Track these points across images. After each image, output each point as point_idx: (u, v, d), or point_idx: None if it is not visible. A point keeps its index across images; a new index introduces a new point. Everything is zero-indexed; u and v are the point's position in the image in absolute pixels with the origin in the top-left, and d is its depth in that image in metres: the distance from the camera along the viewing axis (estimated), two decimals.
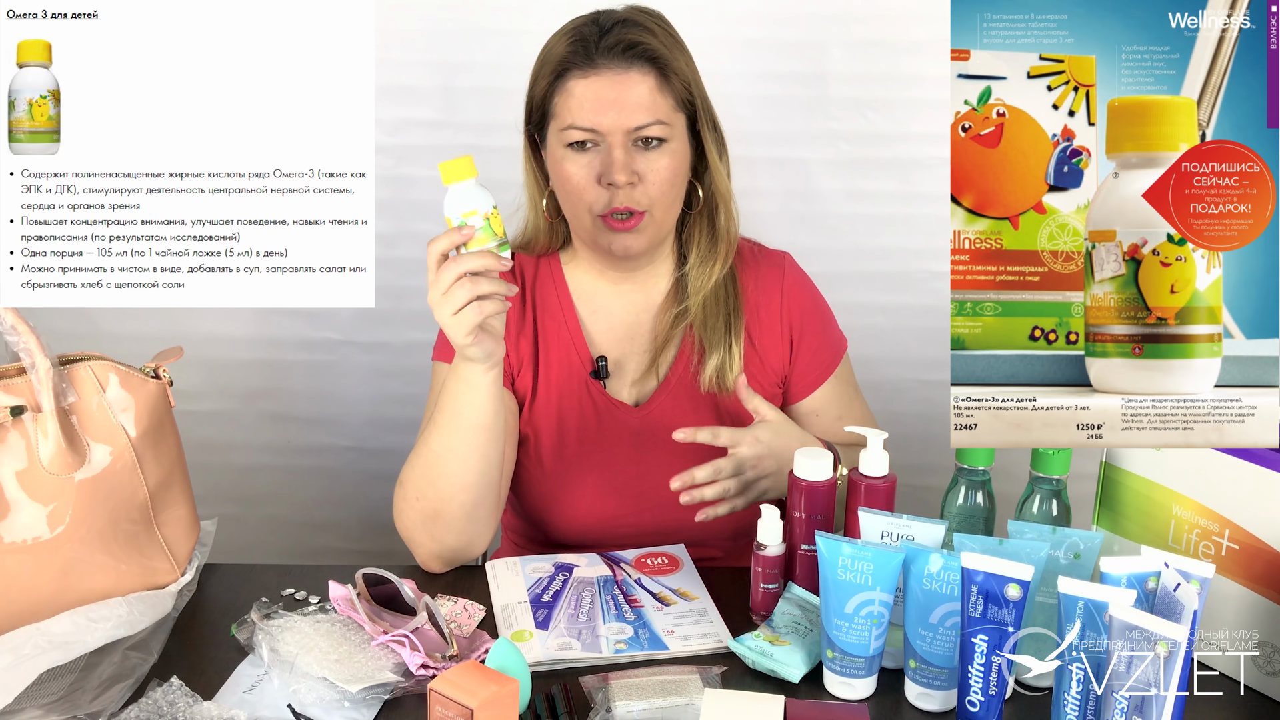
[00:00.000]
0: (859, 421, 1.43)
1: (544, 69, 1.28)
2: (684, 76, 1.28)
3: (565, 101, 1.26)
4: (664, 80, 1.26)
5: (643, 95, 1.25)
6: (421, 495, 1.22)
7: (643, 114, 1.25)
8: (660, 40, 1.27)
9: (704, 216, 1.36)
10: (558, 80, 1.26)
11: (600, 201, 1.27)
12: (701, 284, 1.36)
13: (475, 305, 1.07)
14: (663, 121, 1.26)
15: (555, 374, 1.37)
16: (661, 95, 1.26)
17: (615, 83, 1.24)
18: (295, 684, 1.02)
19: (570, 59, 1.25)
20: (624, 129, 1.24)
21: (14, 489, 1.09)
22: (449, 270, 1.07)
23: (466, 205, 1.07)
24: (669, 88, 1.27)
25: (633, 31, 1.26)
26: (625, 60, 1.25)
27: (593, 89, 1.24)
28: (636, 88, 1.25)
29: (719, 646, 1.12)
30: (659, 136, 1.26)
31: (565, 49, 1.26)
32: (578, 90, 1.25)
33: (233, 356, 1.98)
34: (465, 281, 1.07)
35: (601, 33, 1.26)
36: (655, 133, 1.26)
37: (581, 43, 1.26)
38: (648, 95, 1.25)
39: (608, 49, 1.24)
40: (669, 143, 1.27)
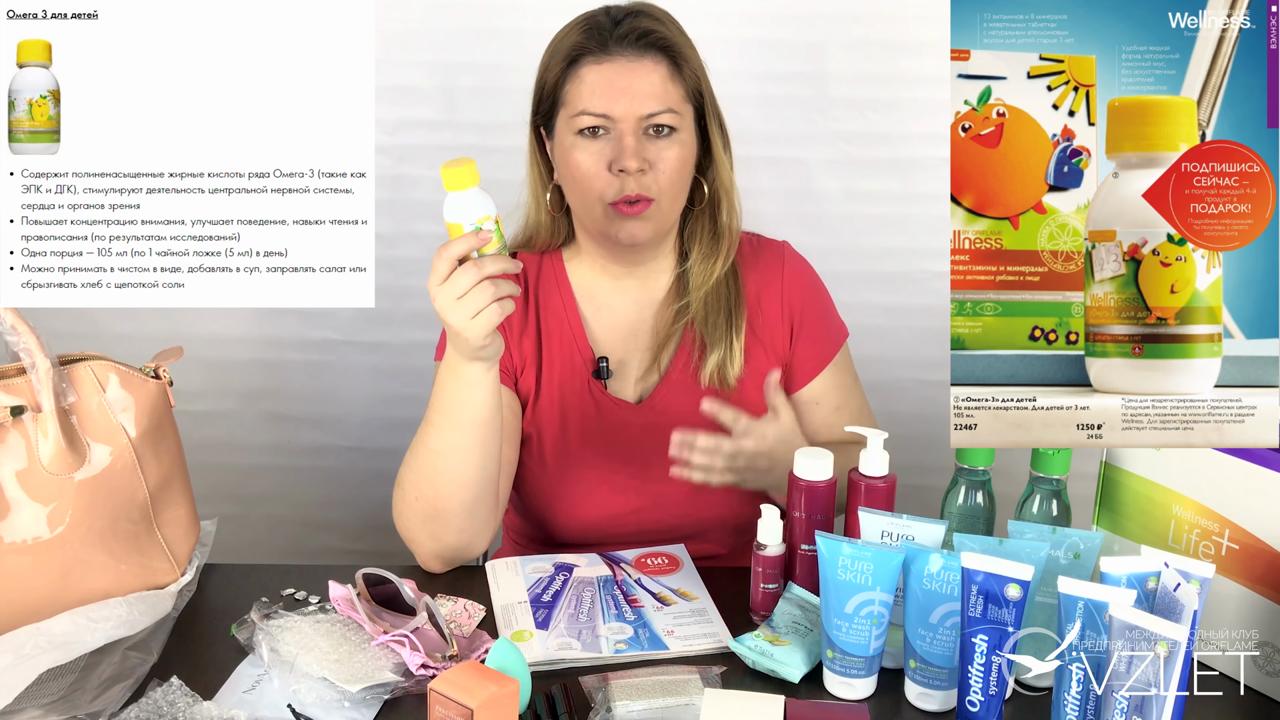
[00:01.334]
0: (858, 412, 1.44)
1: (555, 56, 1.29)
2: (694, 67, 1.30)
3: (577, 88, 1.26)
4: (675, 70, 1.28)
5: (655, 83, 1.26)
6: (420, 495, 1.22)
7: (655, 102, 1.26)
8: (672, 31, 1.29)
9: (706, 213, 1.37)
10: (570, 67, 1.27)
11: (611, 189, 1.27)
12: (703, 280, 1.36)
13: (496, 307, 1.08)
14: (673, 110, 1.27)
15: (558, 373, 1.37)
16: (673, 84, 1.27)
17: (628, 70, 1.25)
18: (295, 684, 1.02)
19: (584, 45, 1.27)
20: (636, 116, 1.25)
21: (14, 489, 1.09)
22: (468, 274, 1.07)
23: (480, 210, 1.07)
24: (680, 78, 1.28)
25: (645, 21, 1.28)
26: (639, 48, 1.26)
27: (605, 75, 1.25)
28: (649, 75, 1.26)
29: (719, 646, 1.12)
30: (670, 125, 1.27)
31: (578, 36, 1.27)
32: (590, 76, 1.26)
33: (233, 356, 1.99)
34: (487, 285, 1.07)
35: (614, 22, 1.28)
36: (666, 120, 1.26)
37: (595, 30, 1.27)
38: (660, 84, 1.26)
39: (621, 37, 1.26)
40: (679, 132, 1.28)
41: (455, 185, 1.06)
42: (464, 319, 1.08)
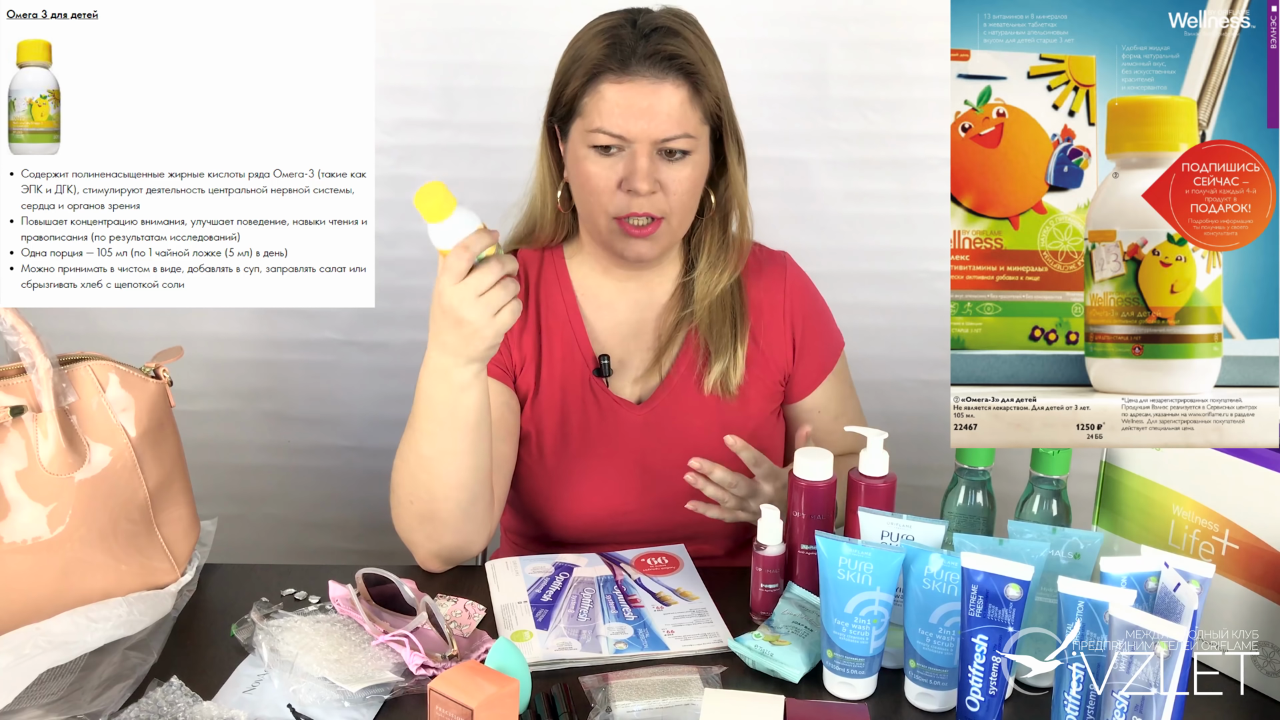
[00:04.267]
0: (855, 419, 1.45)
1: (577, 68, 1.26)
2: (715, 89, 1.28)
3: (596, 104, 1.25)
4: (695, 94, 1.26)
5: (674, 107, 1.24)
6: (415, 499, 1.21)
7: (672, 126, 1.24)
8: (696, 51, 1.26)
9: (715, 223, 1.36)
10: (590, 82, 1.25)
11: (617, 205, 1.26)
12: (709, 289, 1.36)
13: (516, 303, 1.09)
14: (690, 135, 1.25)
15: (558, 371, 1.37)
16: (692, 108, 1.25)
17: (648, 92, 1.23)
18: (295, 684, 1.02)
19: (605, 62, 1.24)
20: (651, 139, 1.24)
21: (14, 489, 1.09)
22: (490, 271, 1.06)
23: (474, 225, 1.06)
24: (699, 101, 1.26)
25: (671, 42, 1.24)
26: (660, 70, 1.23)
27: (625, 96, 1.23)
28: (669, 99, 1.24)
29: (719, 646, 1.12)
30: (684, 149, 1.26)
31: (601, 51, 1.24)
32: (610, 95, 1.24)
33: (233, 356, 1.98)
34: (508, 282, 1.07)
35: (639, 37, 1.24)
36: (681, 145, 1.25)
37: (618, 46, 1.24)
38: (679, 108, 1.24)
39: (645, 57, 1.23)
40: (692, 154, 1.27)
41: (441, 214, 1.05)
42: (486, 316, 1.08)
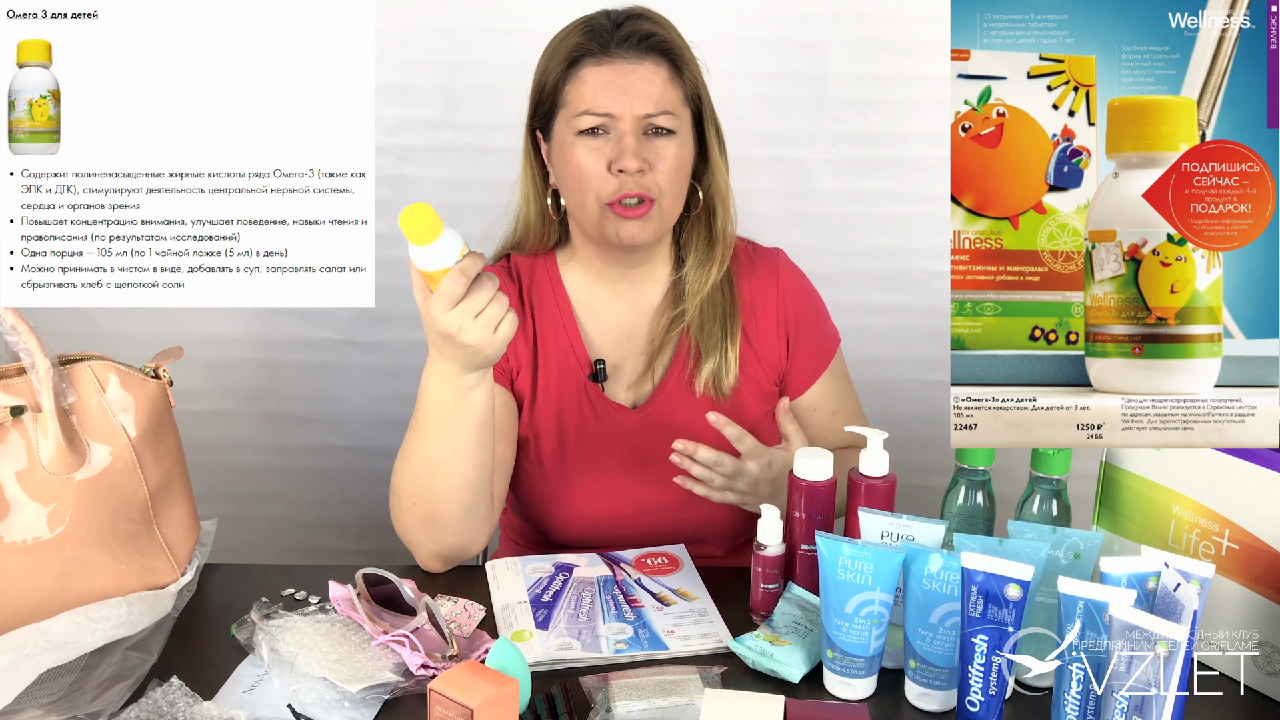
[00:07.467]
0: (853, 416, 1.44)
1: (555, 58, 1.30)
2: (693, 71, 1.31)
3: (578, 88, 1.27)
4: (675, 73, 1.29)
5: (655, 84, 1.27)
6: (418, 500, 1.21)
7: (655, 102, 1.27)
8: (672, 34, 1.30)
9: (701, 219, 1.37)
10: (571, 68, 1.28)
11: (609, 188, 1.27)
12: (699, 287, 1.36)
13: (510, 319, 1.09)
14: (671, 112, 1.28)
15: (554, 376, 1.37)
16: (673, 87, 1.29)
17: (629, 70, 1.26)
18: (295, 684, 1.02)
19: (584, 46, 1.27)
20: (636, 115, 1.26)
21: (14, 489, 1.09)
22: (484, 290, 1.06)
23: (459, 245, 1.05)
24: (680, 81, 1.29)
25: (646, 24, 1.29)
26: (639, 50, 1.27)
27: (606, 75, 1.26)
28: (650, 77, 1.27)
29: (719, 646, 1.12)
30: (668, 127, 1.28)
31: (579, 38, 1.28)
32: (591, 77, 1.27)
33: (233, 356, 1.98)
34: (500, 296, 1.08)
35: (615, 24, 1.29)
36: (665, 123, 1.27)
37: (595, 32, 1.28)
38: (660, 85, 1.27)
39: (623, 39, 1.27)
40: (677, 134, 1.29)
41: (429, 236, 1.03)
42: (486, 334, 1.07)
